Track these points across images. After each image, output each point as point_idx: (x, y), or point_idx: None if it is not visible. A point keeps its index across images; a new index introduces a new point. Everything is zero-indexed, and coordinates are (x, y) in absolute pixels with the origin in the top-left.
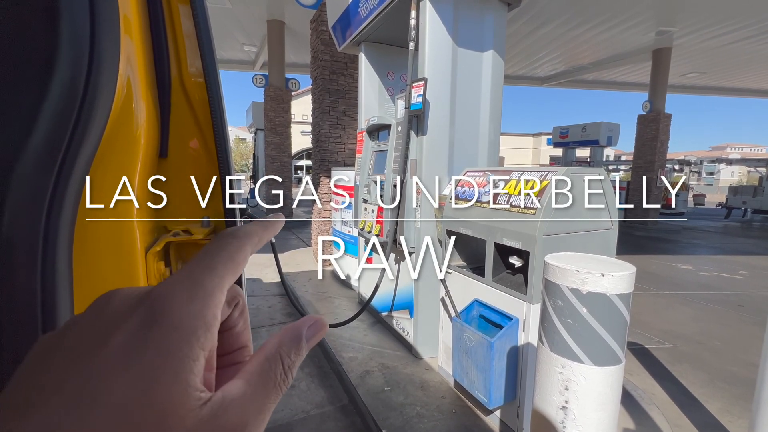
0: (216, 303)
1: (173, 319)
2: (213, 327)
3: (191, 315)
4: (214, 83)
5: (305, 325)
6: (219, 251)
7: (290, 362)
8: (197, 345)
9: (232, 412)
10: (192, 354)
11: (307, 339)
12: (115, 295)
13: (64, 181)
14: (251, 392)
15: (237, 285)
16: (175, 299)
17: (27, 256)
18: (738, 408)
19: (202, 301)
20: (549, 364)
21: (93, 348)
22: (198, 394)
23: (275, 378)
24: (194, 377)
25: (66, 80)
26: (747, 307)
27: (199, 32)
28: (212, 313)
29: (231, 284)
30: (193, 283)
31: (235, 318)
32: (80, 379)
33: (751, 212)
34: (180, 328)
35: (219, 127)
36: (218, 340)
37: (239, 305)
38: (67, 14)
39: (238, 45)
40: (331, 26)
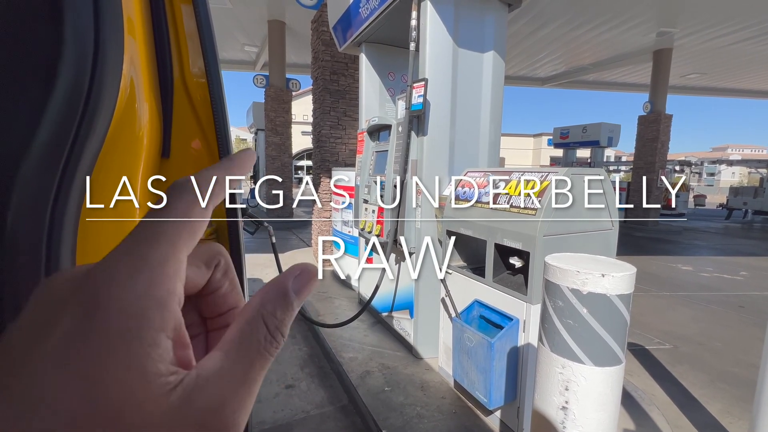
0: (169, 274)
1: (115, 303)
2: (169, 302)
3: (137, 295)
4: (216, 83)
5: (290, 277)
6: (166, 212)
7: (277, 322)
8: (150, 327)
9: (208, 390)
10: (145, 339)
11: (295, 292)
12: (56, 279)
13: (68, 180)
14: (230, 364)
15: (216, 243)
16: (115, 279)
17: (31, 255)
18: (738, 409)
19: (148, 276)
20: (549, 364)
21: (33, 345)
22: (162, 380)
23: (258, 343)
24: (153, 363)
25: (70, 81)
26: (747, 308)
27: (202, 33)
28: (166, 288)
29: (190, 247)
30: (135, 257)
31: (218, 279)
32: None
33: (751, 213)
34: (125, 311)
35: (221, 128)
36: (204, 304)
37: (221, 265)
38: (71, 15)
39: (239, 45)
40: (332, 27)
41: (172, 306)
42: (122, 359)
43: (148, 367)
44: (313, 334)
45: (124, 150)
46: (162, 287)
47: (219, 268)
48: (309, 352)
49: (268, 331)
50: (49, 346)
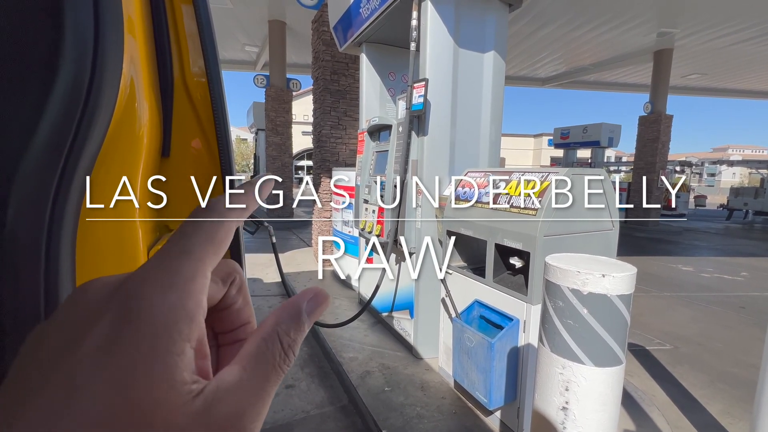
0: (197, 289)
1: (148, 314)
2: (197, 315)
3: (170, 306)
4: (216, 83)
5: (305, 299)
6: (195, 230)
7: (290, 340)
8: (180, 338)
9: (228, 400)
10: (174, 348)
11: (307, 314)
12: (91, 286)
13: (68, 179)
14: (247, 377)
15: (234, 261)
16: (150, 291)
17: (30, 254)
18: (739, 410)
19: (180, 289)
20: (549, 364)
21: (70, 346)
22: (187, 388)
23: (273, 359)
24: (180, 371)
25: (70, 80)
26: (748, 309)
27: (202, 32)
28: (194, 301)
29: (214, 265)
30: (167, 272)
31: (232, 296)
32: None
33: (752, 214)
34: (158, 322)
35: (221, 127)
36: (218, 318)
37: (236, 282)
38: (71, 14)
39: (240, 45)
40: (333, 27)
41: (199, 318)
42: (153, 366)
43: (175, 375)
44: (313, 334)
45: (124, 149)
46: (191, 300)
47: (234, 284)
48: (309, 351)
49: (282, 349)
50: (86, 349)
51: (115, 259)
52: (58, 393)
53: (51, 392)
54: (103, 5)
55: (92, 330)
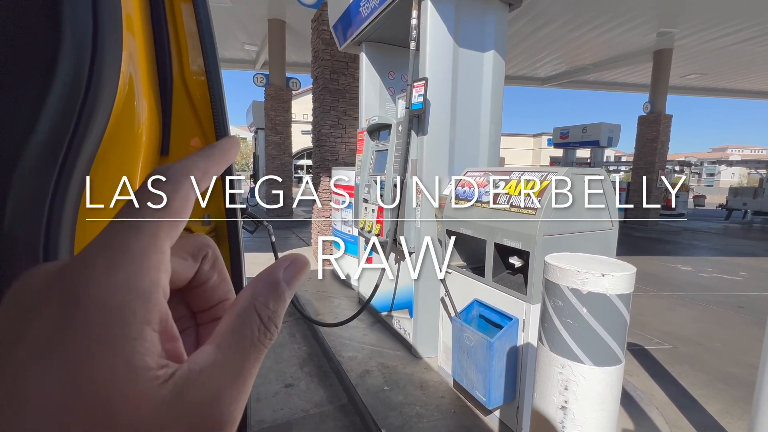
0: (152, 266)
1: (95, 297)
2: (153, 294)
3: (117, 287)
4: (215, 81)
5: (281, 267)
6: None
7: (270, 312)
8: (135, 320)
9: (202, 383)
10: (130, 332)
11: (286, 282)
12: (31, 275)
13: (66, 178)
14: (223, 357)
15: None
16: (93, 273)
17: (28, 253)
18: (738, 409)
19: (128, 268)
20: (549, 364)
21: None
22: (151, 374)
23: (252, 335)
24: (140, 356)
25: (68, 77)
26: (747, 309)
27: (201, 31)
28: (148, 280)
29: (173, 238)
30: (113, 250)
31: (206, 271)
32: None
33: (751, 214)
34: (105, 306)
35: (220, 125)
36: (194, 297)
37: (208, 256)
38: (69, 11)
39: (239, 44)
40: (332, 25)
41: (157, 298)
42: (107, 355)
43: (135, 362)
44: (312, 333)
45: (122, 147)
46: (144, 279)
47: (207, 259)
48: (308, 351)
49: (261, 323)
50: (27, 347)
51: None
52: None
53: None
54: (102, 3)
55: (34, 323)
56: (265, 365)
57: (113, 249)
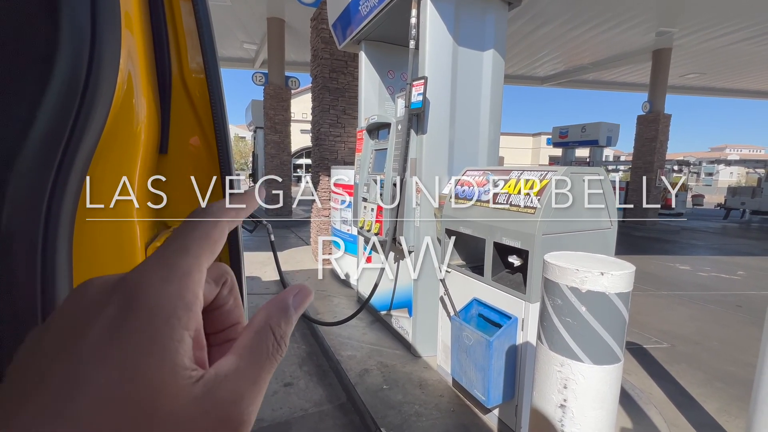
0: (194, 282)
1: (150, 303)
2: (194, 306)
3: (169, 297)
4: (215, 80)
5: (291, 294)
6: (192, 230)
7: (281, 332)
8: (179, 326)
9: (226, 386)
10: (175, 335)
11: (294, 308)
12: (91, 284)
13: (65, 176)
14: (244, 366)
15: (224, 264)
16: (150, 283)
17: (27, 251)
18: (735, 408)
19: (178, 282)
20: (548, 362)
21: (73, 339)
22: (188, 373)
23: (267, 349)
24: (181, 357)
25: (67, 74)
26: (745, 308)
27: (201, 29)
28: (192, 293)
29: (210, 262)
30: (167, 265)
31: (224, 296)
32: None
33: (749, 213)
34: (158, 311)
35: (220, 124)
36: (210, 318)
37: (227, 283)
38: (67, 8)
39: (238, 43)
40: (332, 24)
41: (196, 309)
42: (156, 353)
43: (176, 360)
44: (311, 332)
45: (121, 145)
46: (189, 292)
47: (226, 285)
48: (308, 350)
49: (275, 340)
50: (89, 340)
51: (112, 257)
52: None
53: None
54: (100, 0)
55: (95, 322)
56: None
57: (167, 265)
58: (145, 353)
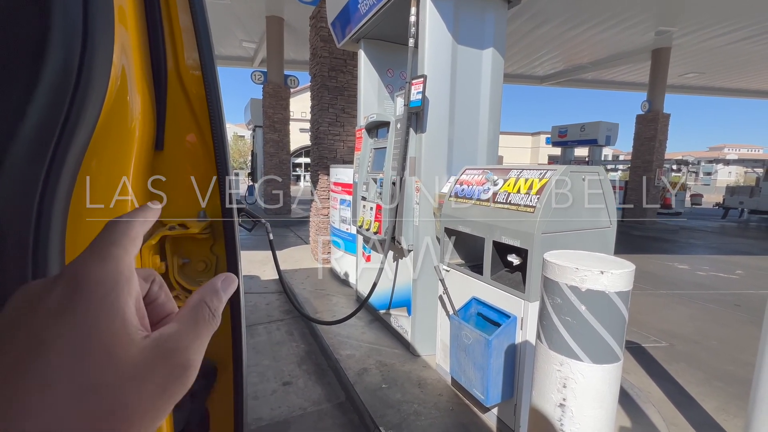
0: (127, 263)
1: (93, 279)
2: (132, 279)
3: (108, 272)
4: (211, 76)
5: (219, 279)
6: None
7: (214, 306)
8: (123, 292)
9: (171, 339)
10: (120, 300)
11: (223, 289)
12: (28, 284)
13: (56, 171)
14: (184, 326)
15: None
16: (90, 265)
17: (18, 247)
18: (734, 407)
19: (114, 262)
20: (547, 361)
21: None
22: (137, 330)
23: (204, 317)
24: (129, 315)
25: (58, 69)
26: (743, 307)
27: (197, 25)
28: (127, 268)
29: (135, 252)
30: (101, 253)
31: (155, 291)
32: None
33: (747, 212)
34: (102, 283)
35: (216, 121)
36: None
37: (156, 281)
38: (59, 1)
39: (237, 41)
40: (331, 23)
41: (134, 280)
42: (105, 313)
43: (126, 317)
44: (310, 331)
45: (115, 142)
46: (125, 268)
47: (155, 282)
48: (306, 349)
49: (209, 310)
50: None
51: None
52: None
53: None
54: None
55: (44, 303)
56: (263, 363)
57: (100, 252)
58: (96, 315)
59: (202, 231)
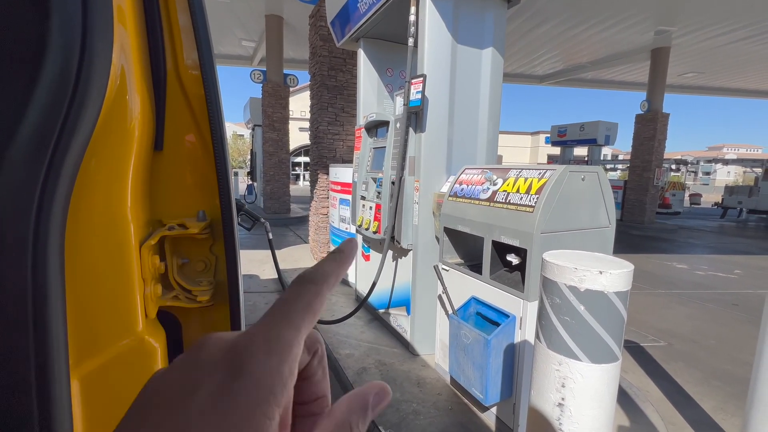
0: (293, 357)
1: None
2: (289, 383)
3: (270, 370)
4: (210, 76)
5: (371, 393)
6: (296, 299)
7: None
8: (274, 403)
9: None
10: (269, 412)
11: (372, 408)
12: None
13: (56, 171)
14: None
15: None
16: (257, 353)
17: (17, 249)
18: (732, 406)
19: (279, 355)
20: (546, 361)
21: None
22: None
23: None
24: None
25: (57, 68)
26: (741, 306)
27: (196, 24)
28: (289, 368)
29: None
30: (271, 336)
31: (314, 367)
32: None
33: (746, 212)
34: (260, 384)
35: (215, 120)
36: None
37: (318, 353)
38: (57, 0)
39: (236, 40)
40: (330, 22)
41: (290, 386)
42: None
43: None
44: None
45: (114, 142)
46: (287, 367)
47: (317, 355)
48: None
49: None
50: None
51: (105, 254)
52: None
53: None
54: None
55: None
56: None
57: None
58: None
59: (201, 231)
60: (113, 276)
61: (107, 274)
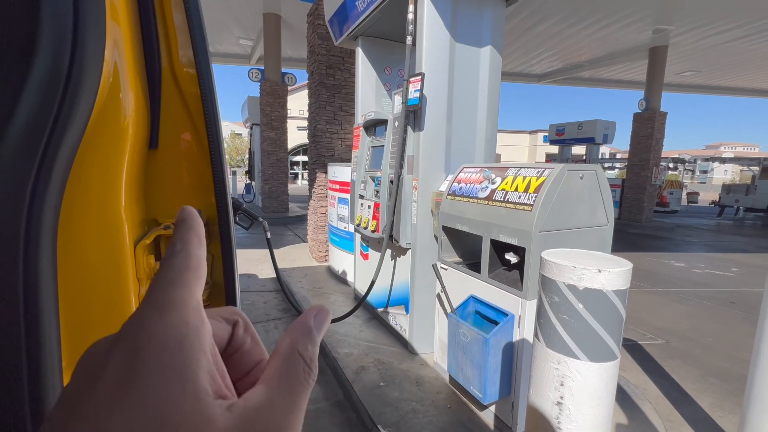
0: (193, 308)
1: (153, 339)
2: (202, 328)
3: (171, 326)
4: (205, 73)
5: (311, 317)
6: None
7: (309, 354)
8: (192, 349)
9: (262, 418)
10: (190, 366)
11: (317, 329)
12: (95, 344)
13: (47, 170)
14: (277, 395)
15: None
16: (148, 321)
17: (8, 249)
18: (729, 403)
19: (177, 311)
20: (545, 359)
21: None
22: (215, 405)
23: (299, 374)
24: (202, 381)
25: (48, 65)
26: (738, 304)
27: (191, 21)
28: (195, 317)
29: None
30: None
31: (240, 335)
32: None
33: (743, 210)
34: (165, 344)
35: (211, 119)
36: (232, 363)
37: (240, 322)
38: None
39: (234, 38)
40: (328, 20)
41: (205, 331)
42: (175, 381)
43: (199, 385)
44: None
45: (108, 140)
46: (192, 317)
47: (239, 324)
48: None
49: (305, 363)
50: (104, 384)
51: (99, 254)
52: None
53: None
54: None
55: (106, 369)
56: None
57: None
58: (164, 384)
59: None
60: (107, 276)
61: (101, 275)
